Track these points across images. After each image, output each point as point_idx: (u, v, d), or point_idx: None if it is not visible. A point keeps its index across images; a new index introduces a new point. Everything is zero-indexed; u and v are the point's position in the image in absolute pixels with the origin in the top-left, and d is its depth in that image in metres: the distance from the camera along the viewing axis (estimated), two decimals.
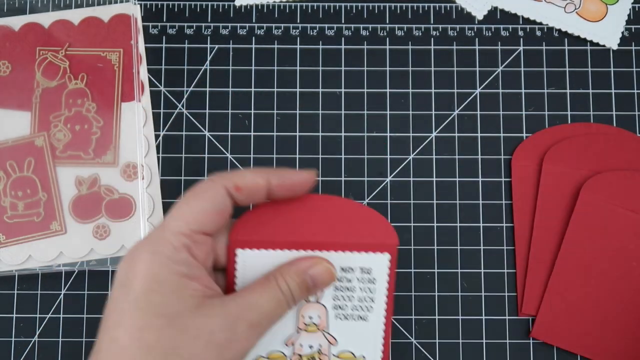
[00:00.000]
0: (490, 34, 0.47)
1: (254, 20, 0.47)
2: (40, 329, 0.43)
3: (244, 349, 0.33)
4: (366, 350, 0.38)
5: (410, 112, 0.46)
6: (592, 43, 0.47)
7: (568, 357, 0.43)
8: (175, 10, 0.47)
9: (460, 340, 0.43)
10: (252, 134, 0.45)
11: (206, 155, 0.45)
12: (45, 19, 0.45)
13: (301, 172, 0.36)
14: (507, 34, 0.47)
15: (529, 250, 0.44)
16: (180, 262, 0.33)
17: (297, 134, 0.45)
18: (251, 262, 0.36)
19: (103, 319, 0.33)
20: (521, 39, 0.47)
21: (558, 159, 0.44)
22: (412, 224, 0.44)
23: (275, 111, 0.46)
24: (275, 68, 0.46)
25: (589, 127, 0.45)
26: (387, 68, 0.46)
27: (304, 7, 0.47)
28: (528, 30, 0.47)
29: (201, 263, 0.34)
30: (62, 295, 0.44)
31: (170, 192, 0.44)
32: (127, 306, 0.31)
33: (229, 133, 0.45)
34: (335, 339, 0.38)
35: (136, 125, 0.44)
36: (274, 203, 0.36)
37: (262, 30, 0.47)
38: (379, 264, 0.37)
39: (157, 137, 0.45)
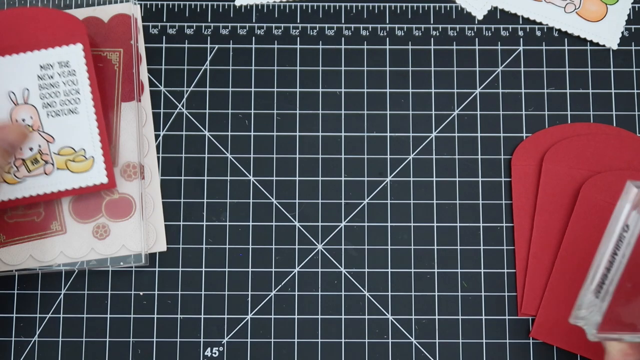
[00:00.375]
0: (490, 34, 0.47)
1: (254, 20, 0.47)
2: (40, 329, 0.43)
3: None
4: (85, 142, 0.41)
5: (410, 112, 0.46)
6: (592, 43, 0.47)
7: (568, 357, 0.43)
8: (175, 10, 0.47)
9: (460, 340, 0.43)
10: (252, 134, 0.45)
11: (206, 155, 0.45)
12: None
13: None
14: (507, 34, 0.47)
15: (529, 250, 0.44)
16: None
17: (297, 134, 0.45)
18: None
19: None
20: (521, 39, 0.47)
21: (558, 158, 0.44)
22: (412, 224, 0.44)
23: (275, 111, 0.46)
24: (275, 68, 0.46)
25: (589, 127, 0.45)
26: (387, 68, 0.46)
27: (304, 7, 0.47)
28: (528, 30, 0.47)
29: None
30: (62, 295, 0.44)
31: (170, 192, 0.44)
32: None
33: (229, 133, 0.45)
34: (52, 137, 0.40)
35: (136, 125, 0.44)
36: None
37: (262, 30, 0.47)
38: (75, 55, 0.40)
39: (157, 137, 0.45)
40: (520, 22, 0.47)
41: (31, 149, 0.42)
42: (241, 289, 0.44)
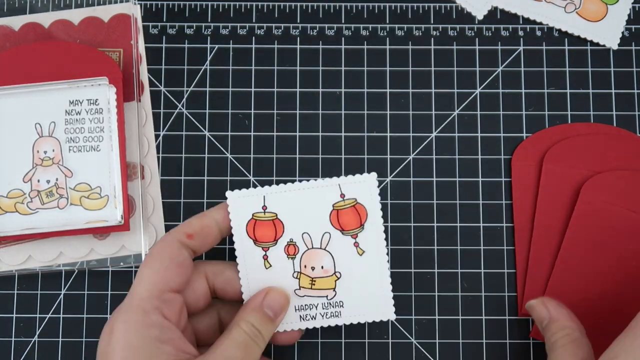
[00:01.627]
0: (490, 34, 0.47)
1: (254, 20, 0.47)
2: (40, 329, 0.43)
3: None
4: (102, 180, 0.41)
5: (410, 112, 0.46)
6: (592, 43, 0.47)
7: None
8: (175, 10, 0.47)
9: (460, 340, 0.43)
10: (252, 134, 0.45)
11: (206, 155, 0.45)
12: (45, 19, 0.45)
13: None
14: (507, 34, 0.47)
15: (529, 250, 0.44)
16: (152, 325, 0.33)
17: (297, 134, 0.45)
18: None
19: None
20: (521, 39, 0.47)
21: (558, 158, 0.44)
22: (412, 224, 0.44)
23: (275, 111, 0.46)
24: (275, 68, 0.46)
25: (589, 127, 0.45)
26: (387, 68, 0.46)
27: (304, 7, 0.47)
28: (528, 30, 0.47)
29: (174, 323, 0.35)
30: (62, 295, 0.44)
31: (170, 192, 0.44)
32: None
33: (229, 133, 0.45)
34: (70, 172, 0.40)
35: (136, 125, 0.44)
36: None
37: (262, 30, 0.47)
38: (105, 95, 0.40)
39: (157, 137, 0.45)
40: (520, 22, 0.47)
41: (48, 182, 0.42)
42: None
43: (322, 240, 0.38)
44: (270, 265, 0.38)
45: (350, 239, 0.38)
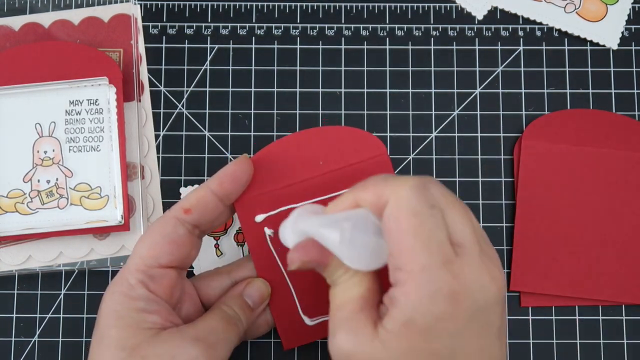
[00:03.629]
0: (490, 34, 0.47)
1: (254, 20, 0.47)
2: (40, 329, 0.43)
3: None
4: (102, 180, 0.42)
5: (410, 112, 0.46)
6: (592, 43, 0.47)
7: (568, 353, 0.43)
8: (175, 10, 0.47)
9: None
10: (252, 134, 0.45)
11: (206, 155, 0.45)
12: (45, 19, 0.45)
13: (234, 161, 0.37)
14: (507, 34, 0.47)
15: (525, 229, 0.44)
16: (137, 298, 0.34)
17: None
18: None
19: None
20: (521, 39, 0.47)
21: (537, 135, 0.45)
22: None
23: (275, 111, 0.46)
24: (275, 68, 0.46)
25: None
26: (387, 68, 0.46)
27: (304, 7, 0.47)
28: (528, 30, 0.47)
29: (163, 296, 0.35)
30: (62, 295, 0.44)
31: (170, 192, 0.44)
32: (96, 344, 0.34)
33: (229, 133, 0.45)
34: (71, 172, 0.41)
35: (136, 125, 0.44)
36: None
37: (262, 30, 0.47)
38: (105, 95, 0.42)
39: (157, 137, 0.45)
40: (520, 22, 0.47)
41: (48, 182, 0.42)
42: None
43: None
44: (222, 253, 0.40)
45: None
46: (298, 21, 0.47)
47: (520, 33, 0.47)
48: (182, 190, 0.38)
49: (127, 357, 0.33)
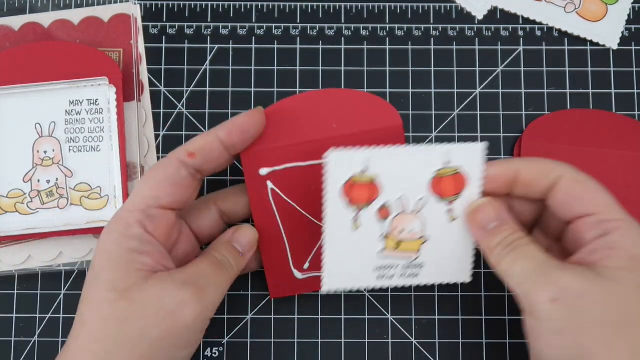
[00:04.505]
0: (490, 34, 0.47)
1: (254, 20, 0.47)
2: (40, 329, 0.43)
3: (194, 314, 0.34)
4: (102, 181, 0.42)
5: (410, 112, 0.46)
6: (592, 43, 0.47)
7: None
8: (175, 10, 0.47)
9: (460, 340, 0.43)
10: None
11: None
12: (45, 19, 0.45)
13: (247, 112, 0.37)
14: (507, 34, 0.47)
15: None
16: (132, 237, 0.35)
17: None
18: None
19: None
20: (521, 39, 0.47)
21: (538, 134, 0.45)
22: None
23: None
24: (275, 68, 0.46)
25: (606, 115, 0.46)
26: (387, 68, 0.46)
27: (304, 7, 0.47)
28: (528, 30, 0.47)
29: (159, 238, 0.36)
30: (62, 295, 0.44)
31: None
32: (89, 285, 0.35)
33: None
34: (71, 172, 0.41)
35: (136, 125, 0.44)
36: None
37: (262, 30, 0.47)
38: (105, 95, 0.42)
39: (157, 137, 0.45)
40: (520, 22, 0.47)
41: (48, 182, 0.42)
42: (241, 289, 0.44)
43: (416, 205, 0.38)
44: (358, 227, 0.38)
45: (445, 206, 0.38)
46: (298, 21, 0.47)
47: (520, 33, 0.47)
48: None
49: (117, 299, 0.33)
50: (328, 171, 0.36)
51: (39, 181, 0.42)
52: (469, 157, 0.37)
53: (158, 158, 0.45)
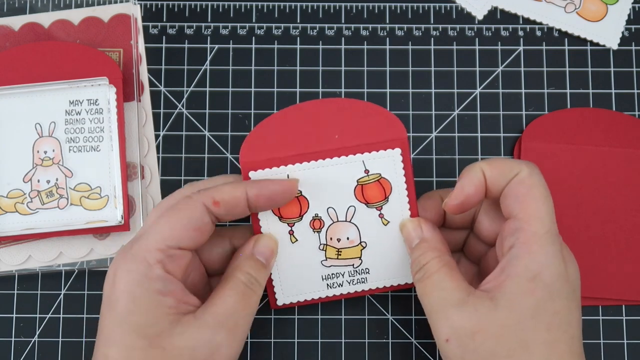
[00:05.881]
0: (490, 34, 0.47)
1: (254, 20, 0.47)
2: (40, 329, 0.43)
3: (230, 354, 0.34)
4: (102, 181, 0.42)
5: (410, 112, 0.46)
6: (592, 43, 0.47)
7: None
8: (175, 10, 0.47)
9: None
10: None
11: (206, 155, 0.45)
12: (45, 19, 0.45)
13: (281, 181, 0.37)
14: (507, 34, 0.47)
15: None
16: (155, 278, 0.34)
17: None
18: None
19: (97, 332, 0.35)
20: (521, 39, 0.47)
21: (536, 135, 0.45)
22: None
23: (275, 111, 0.46)
24: (275, 68, 0.46)
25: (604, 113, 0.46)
26: (387, 68, 0.46)
27: (304, 7, 0.47)
28: (528, 30, 0.47)
29: (177, 277, 0.35)
30: (62, 295, 0.44)
31: (170, 192, 0.44)
32: (114, 326, 0.34)
33: (229, 133, 0.45)
34: (71, 172, 0.41)
35: (136, 125, 0.44)
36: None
37: (262, 30, 0.47)
38: (105, 95, 0.41)
39: (157, 137, 0.45)
40: (520, 22, 0.47)
41: (48, 182, 0.42)
42: None
43: (347, 214, 0.39)
44: (297, 240, 0.39)
45: (375, 211, 0.39)
46: (298, 21, 0.47)
47: (520, 33, 0.47)
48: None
49: (148, 347, 0.33)
50: None
51: (38, 181, 0.42)
52: (387, 163, 0.38)
53: (158, 158, 0.45)
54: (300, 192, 0.38)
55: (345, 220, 0.39)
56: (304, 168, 0.38)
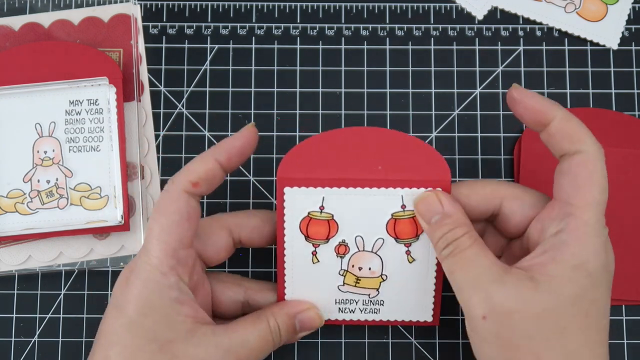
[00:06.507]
0: (490, 34, 0.47)
1: (254, 20, 0.47)
2: (40, 329, 0.43)
3: None
4: (102, 181, 0.42)
5: (410, 112, 0.46)
6: (592, 43, 0.47)
7: None
8: (175, 10, 0.47)
9: (460, 340, 0.43)
10: None
11: None
12: (45, 19, 0.45)
13: (241, 133, 0.37)
14: (507, 34, 0.47)
15: None
16: (171, 286, 0.34)
17: (297, 133, 0.45)
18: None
19: (97, 335, 0.35)
20: (521, 39, 0.47)
21: (538, 135, 0.45)
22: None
23: (275, 111, 0.46)
24: (275, 68, 0.46)
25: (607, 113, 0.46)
26: (387, 68, 0.46)
27: (304, 7, 0.47)
28: (528, 30, 0.47)
29: (188, 282, 0.35)
30: (62, 295, 0.44)
31: None
32: (121, 328, 0.33)
33: (229, 133, 0.45)
34: (71, 172, 0.41)
35: (136, 125, 0.44)
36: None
37: (262, 30, 0.47)
38: (105, 95, 0.41)
39: (157, 137, 0.45)
40: (520, 22, 0.47)
41: (48, 182, 0.42)
42: None
43: (374, 245, 0.38)
44: (318, 261, 0.39)
45: (403, 247, 0.38)
46: (298, 21, 0.47)
47: (520, 33, 0.47)
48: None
49: (158, 351, 0.33)
50: (286, 207, 0.37)
51: (38, 181, 0.42)
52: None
53: (158, 158, 0.45)
54: (332, 215, 0.38)
55: (371, 251, 0.38)
56: (341, 193, 0.37)
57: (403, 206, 0.37)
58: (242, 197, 0.45)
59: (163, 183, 0.45)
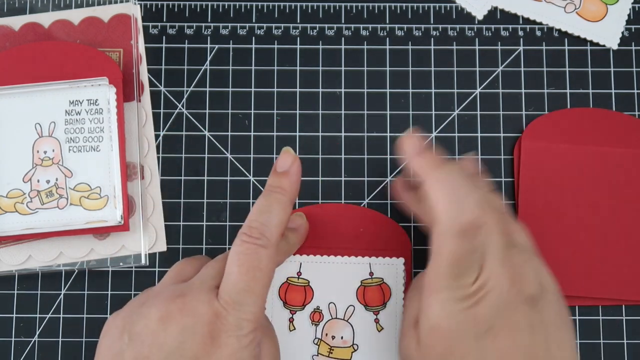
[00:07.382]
0: (490, 34, 0.47)
1: (254, 20, 0.47)
2: (40, 329, 0.43)
3: None
4: (101, 181, 0.42)
5: (410, 112, 0.46)
6: (592, 43, 0.47)
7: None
8: (175, 10, 0.47)
9: None
10: (252, 134, 0.45)
11: (206, 155, 0.45)
12: (45, 19, 0.45)
13: (297, 218, 0.42)
14: (507, 34, 0.47)
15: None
16: (252, 342, 0.33)
17: (297, 134, 0.45)
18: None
19: None
20: (521, 39, 0.47)
21: (536, 135, 0.45)
22: (412, 224, 0.44)
23: (275, 111, 0.46)
24: (275, 68, 0.46)
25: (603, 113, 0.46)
26: (387, 68, 0.46)
27: (304, 7, 0.47)
28: (528, 30, 0.47)
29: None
30: (62, 295, 0.44)
31: (170, 192, 0.44)
32: None
33: (229, 133, 0.45)
34: (70, 172, 0.41)
35: (136, 125, 0.44)
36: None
37: (262, 30, 0.47)
38: (105, 96, 0.42)
39: (157, 137, 0.45)
40: (520, 22, 0.47)
41: (48, 182, 0.42)
42: None
43: (345, 312, 0.41)
44: (295, 329, 0.41)
45: (372, 315, 0.41)
46: (298, 21, 0.47)
47: (520, 33, 0.47)
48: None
49: None
50: None
51: (38, 181, 0.42)
52: (390, 270, 0.41)
53: (158, 158, 0.45)
54: (309, 282, 0.41)
55: (343, 319, 0.40)
56: (316, 260, 0.41)
57: (371, 273, 0.41)
58: (242, 197, 0.45)
59: (163, 183, 0.45)
